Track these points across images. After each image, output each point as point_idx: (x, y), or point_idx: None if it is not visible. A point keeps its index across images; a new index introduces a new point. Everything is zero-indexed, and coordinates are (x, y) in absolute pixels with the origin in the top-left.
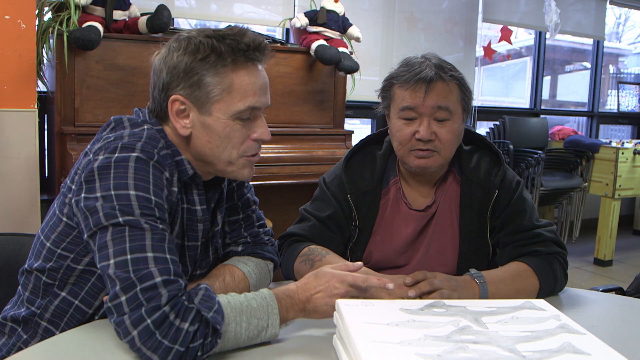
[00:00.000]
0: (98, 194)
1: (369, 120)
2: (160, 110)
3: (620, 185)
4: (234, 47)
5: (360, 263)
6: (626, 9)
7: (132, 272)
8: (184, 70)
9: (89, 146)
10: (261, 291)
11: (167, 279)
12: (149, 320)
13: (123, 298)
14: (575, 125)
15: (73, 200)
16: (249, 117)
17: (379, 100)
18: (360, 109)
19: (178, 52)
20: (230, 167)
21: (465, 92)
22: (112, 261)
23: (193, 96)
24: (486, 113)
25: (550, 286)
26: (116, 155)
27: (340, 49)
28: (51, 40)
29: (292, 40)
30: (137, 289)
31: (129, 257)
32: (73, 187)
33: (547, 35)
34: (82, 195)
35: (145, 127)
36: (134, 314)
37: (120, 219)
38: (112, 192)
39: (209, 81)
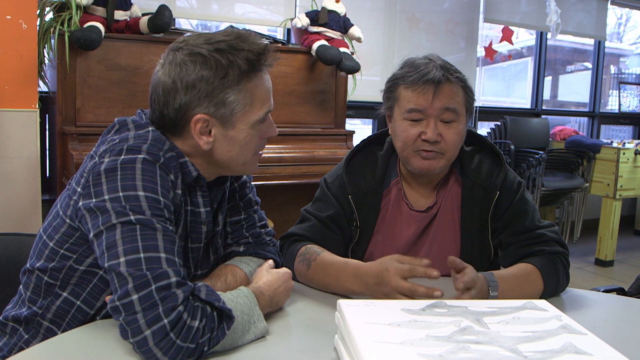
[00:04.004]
0: (106, 196)
1: (370, 121)
2: (174, 127)
3: (621, 186)
4: (250, 58)
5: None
6: (627, 9)
7: (146, 271)
8: (206, 91)
9: (93, 149)
10: (240, 289)
11: (180, 281)
12: (165, 320)
13: (135, 296)
14: (576, 126)
15: (80, 204)
16: (264, 120)
17: (382, 100)
18: (362, 109)
19: (194, 69)
20: (244, 167)
21: (468, 94)
22: (122, 259)
23: (217, 114)
24: (487, 113)
25: (553, 288)
26: (122, 157)
27: (342, 49)
28: (52, 41)
29: (293, 40)
30: (152, 287)
31: (142, 255)
32: (79, 189)
33: (549, 36)
34: (90, 197)
35: (150, 128)
36: (149, 313)
37: (132, 217)
38: (121, 194)
39: (233, 99)
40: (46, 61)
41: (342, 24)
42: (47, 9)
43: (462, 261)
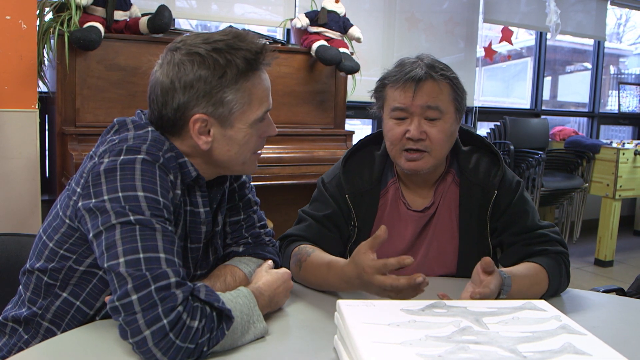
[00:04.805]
0: (105, 197)
1: (369, 121)
2: (172, 127)
3: (620, 186)
4: (247, 57)
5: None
6: (627, 9)
7: (145, 271)
8: (204, 90)
9: (93, 149)
10: (240, 289)
11: (179, 281)
12: (165, 321)
13: (134, 297)
14: (575, 126)
15: (79, 204)
16: (263, 119)
17: (374, 101)
18: (361, 110)
19: (192, 68)
20: (243, 166)
21: (457, 92)
22: (122, 259)
23: (216, 113)
24: (487, 114)
25: (555, 288)
26: (122, 157)
27: (341, 50)
28: (52, 41)
29: (292, 40)
30: (151, 287)
31: (141, 255)
32: (78, 190)
33: (548, 36)
34: (89, 197)
35: (149, 129)
36: (149, 313)
37: (132, 218)
38: (120, 194)
39: (231, 98)
40: (46, 61)
41: (342, 24)
42: (47, 9)
43: (494, 265)
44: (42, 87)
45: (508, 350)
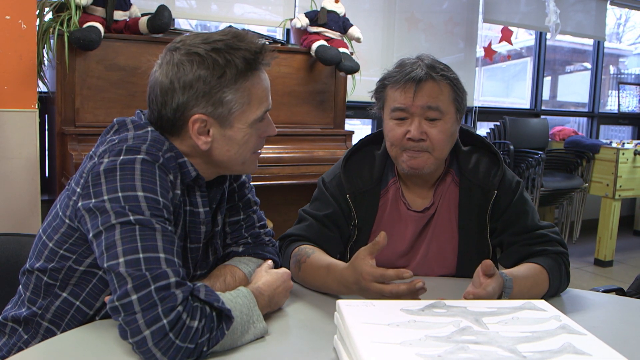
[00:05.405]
0: (105, 197)
1: (369, 121)
2: (172, 127)
3: (620, 186)
4: (247, 57)
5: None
6: (627, 9)
7: (145, 271)
8: (203, 90)
9: (93, 149)
10: (239, 289)
11: (179, 281)
12: (165, 321)
13: (134, 297)
14: (575, 126)
15: (79, 204)
16: (263, 119)
17: (374, 101)
18: (361, 110)
19: (191, 68)
20: (243, 166)
21: (458, 92)
22: (122, 259)
23: (215, 114)
24: (487, 114)
25: (555, 289)
26: (121, 157)
27: (341, 50)
28: (52, 41)
29: (292, 40)
30: (151, 287)
31: (141, 255)
32: (78, 190)
33: (548, 36)
34: (89, 197)
35: (149, 129)
36: (149, 313)
37: (132, 218)
38: (120, 194)
39: (231, 98)
40: (45, 61)
41: (342, 24)
42: (47, 9)
43: (495, 268)
44: (42, 87)
45: (508, 350)
